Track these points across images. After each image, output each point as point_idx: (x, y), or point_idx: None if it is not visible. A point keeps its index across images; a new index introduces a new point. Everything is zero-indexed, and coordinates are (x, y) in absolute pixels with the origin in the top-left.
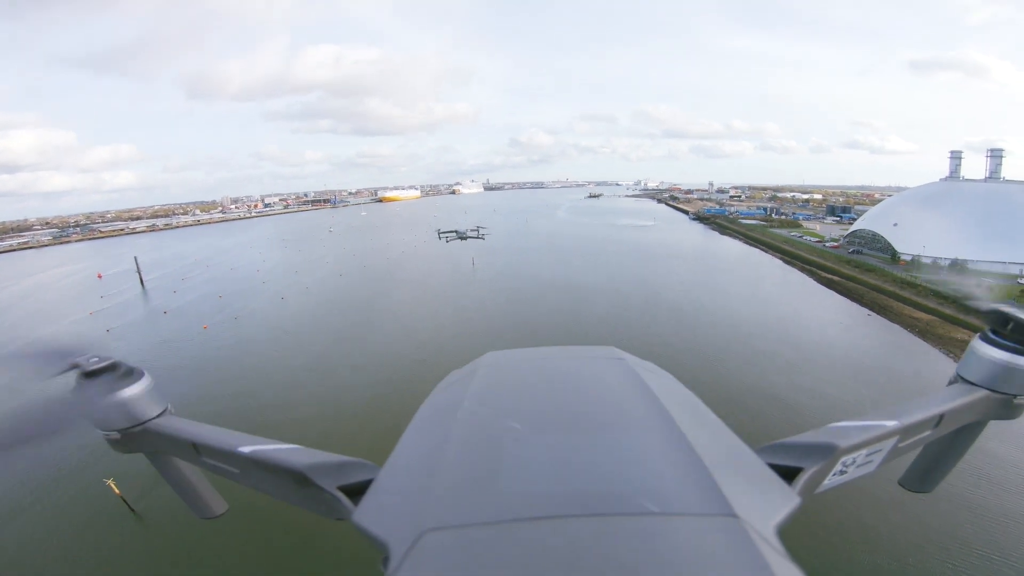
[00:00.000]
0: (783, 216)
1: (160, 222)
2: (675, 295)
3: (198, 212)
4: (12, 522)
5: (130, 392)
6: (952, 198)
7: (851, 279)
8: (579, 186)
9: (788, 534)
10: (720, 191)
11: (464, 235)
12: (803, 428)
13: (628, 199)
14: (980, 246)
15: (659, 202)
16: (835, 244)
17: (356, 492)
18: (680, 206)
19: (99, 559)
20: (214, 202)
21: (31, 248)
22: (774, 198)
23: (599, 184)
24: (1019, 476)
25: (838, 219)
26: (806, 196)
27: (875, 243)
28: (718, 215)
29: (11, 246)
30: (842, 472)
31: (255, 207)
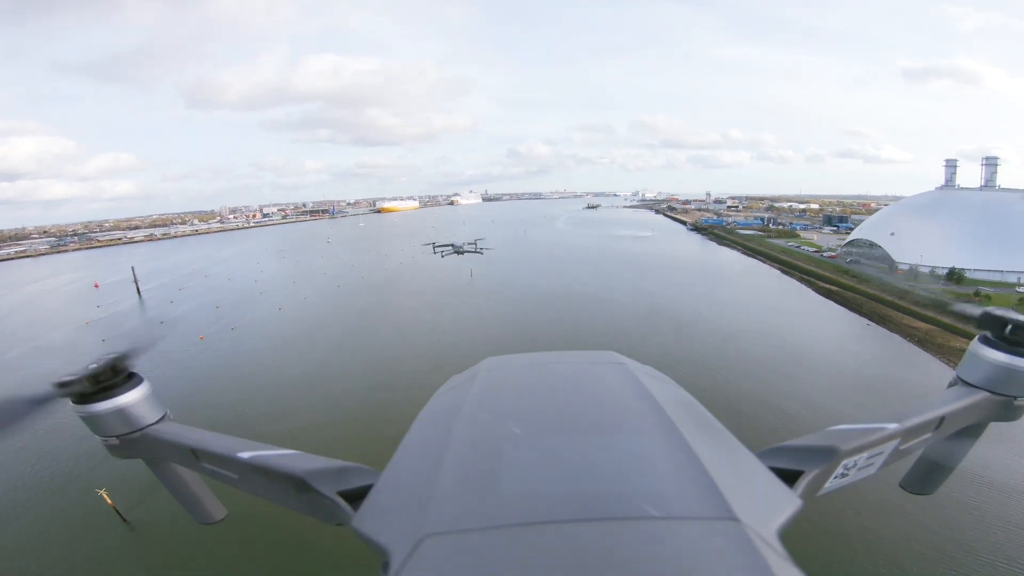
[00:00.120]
0: (780, 226)
1: (158, 232)
2: (674, 306)
3: (196, 222)
4: (1, 533)
5: (128, 398)
6: (948, 207)
7: (849, 289)
8: (577, 197)
9: (790, 537)
10: (717, 201)
11: (461, 249)
12: (802, 435)
13: (626, 210)
14: (977, 255)
15: (657, 213)
16: (832, 254)
17: (356, 497)
18: (678, 217)
19: (89, 571)
20: (213, 212)
21: (28, 257)
22: (771, 208)
23: (597, 195)
24: (1022, 481)
25: (835, 229)
26: (803, 206)
27: (872, 253)
28: (716, 226)
29: (8, 255)
30: (843, 475)
31: (253, 217)
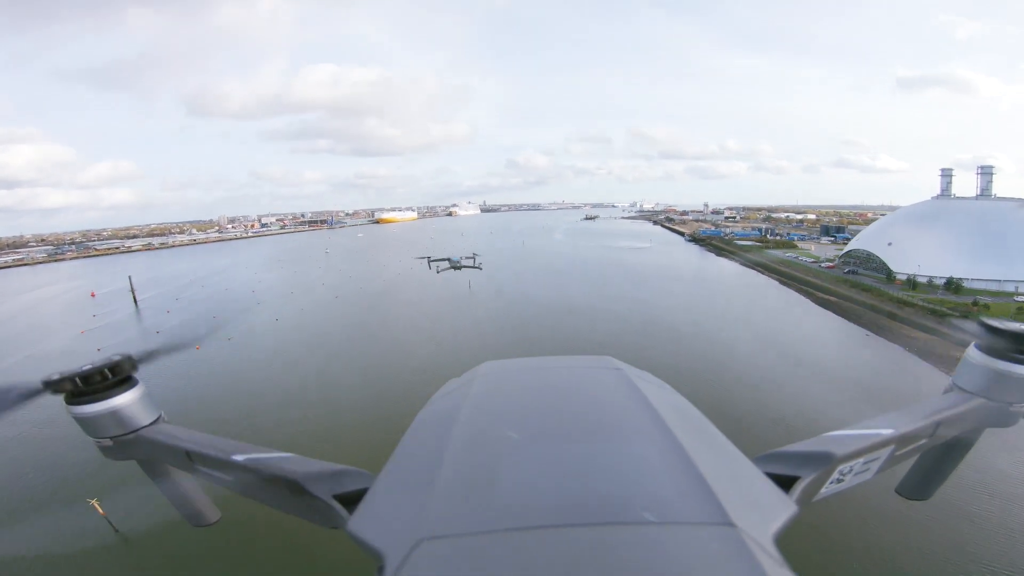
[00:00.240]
0: (778, 237)
1: (156, 241)
2: (673, 317)
3: (194, 231)
4: None
5: (122, 400)
6: (945, 216)
7: (848, 299)
8: (575, 208)
9: (786, 542)
10: (715, 212)
11: (458, 264)
12: (799, 441)
13: (624, 221)
14: (974, 264)
15: (655, 224)
16: (830, 264)
17: (351, 501)
18: (676, 228)
19: None
20: (211, 221)
21: (25, 265)
22: (768, 219)
23: (595, 206)
24: (1021, 488)
25: (832, 239)
26: (800, 216)
27: (870, 263)
28: (714, 236)
29: (6, 263)
30: (839, 480)
31: (252, 227)
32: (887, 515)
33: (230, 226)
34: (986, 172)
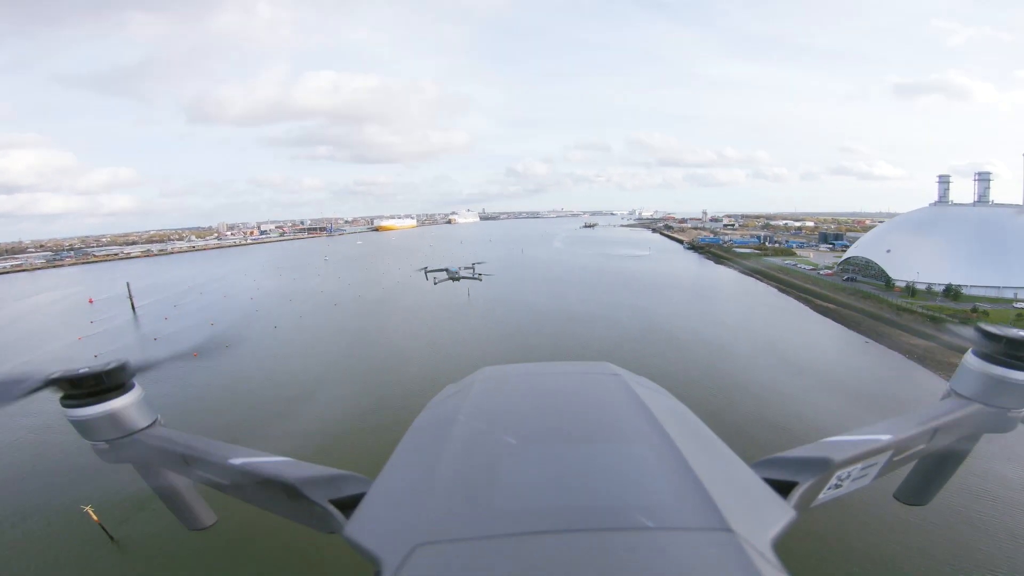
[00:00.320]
0: (776, 244)
1: (155, 248)
2: (672, 324)
3: (194, 238)
4: None
5: (119, 403)
6: (943, 223)
7: (847, 307)
8: (574, 216)
9: (784, 548)
10: (714, 220)
11: (456, 275)
12: (797, 447)
13: (623, 229)
14: (973, 271)
15: (654, 231)
16: (829, 272)
17: (348, 506)
18: (674, 235)
19: None
20: (210, 228)
21: (24, 271)
22: (767, 226)
23: (594, 214)
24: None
25: (831, 247)
26: (798, 224)
27: (869, 270)
28: (712, 244)
29: (4, 268)
30: (837, 486)
31: (251, 234)
32: (887, 520)
33: (229, 233)
34: (983, 178)
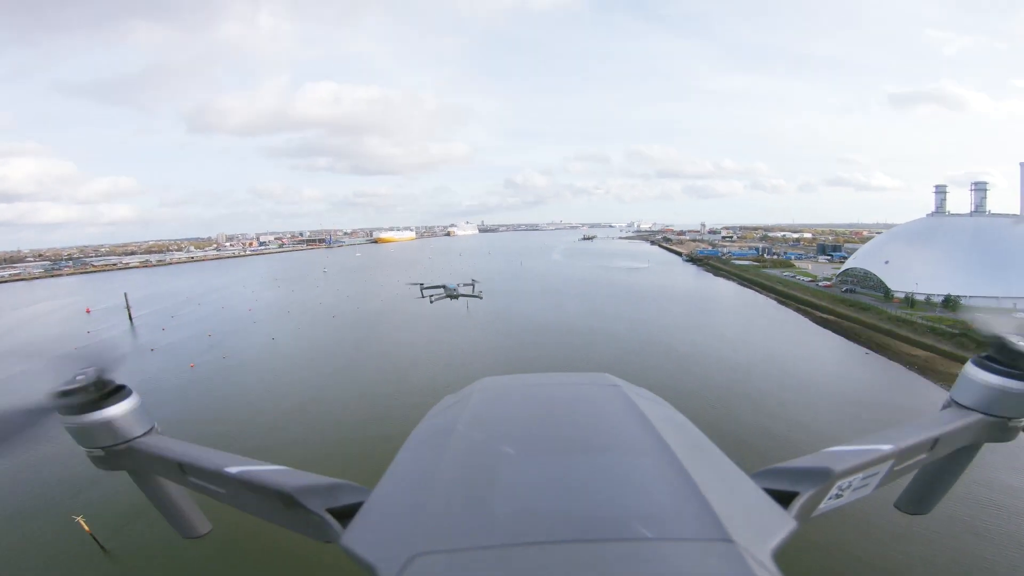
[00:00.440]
0: (775, 256)
1: (153, 258)
2: (671, 337)
3: (192, 249)
4: None
5: (116, 410)
6: (940, 234)
7: (847, 318)
8: (573, 228)
9: (785, 558)
10: (712, 232)
11: (455, 293)
12: (797, 457)
13: (622, 241)
14: (972, 281)
15: (652, 244)
16: (828, 283)
17: (345, 515)
18: (673, 248)
19: None
20: (209, 239)
21: (22, 280)
22: (765, 238)
23: (593, 226)
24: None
25: (829, 258)
26: (796, 235)
27: (867, 281)
28: (711, 256)
29: (2, 277)
30: (838, 496)
31: (250, 245)
32: (889, 530)
33: (228, 244)
34: (980, 188)
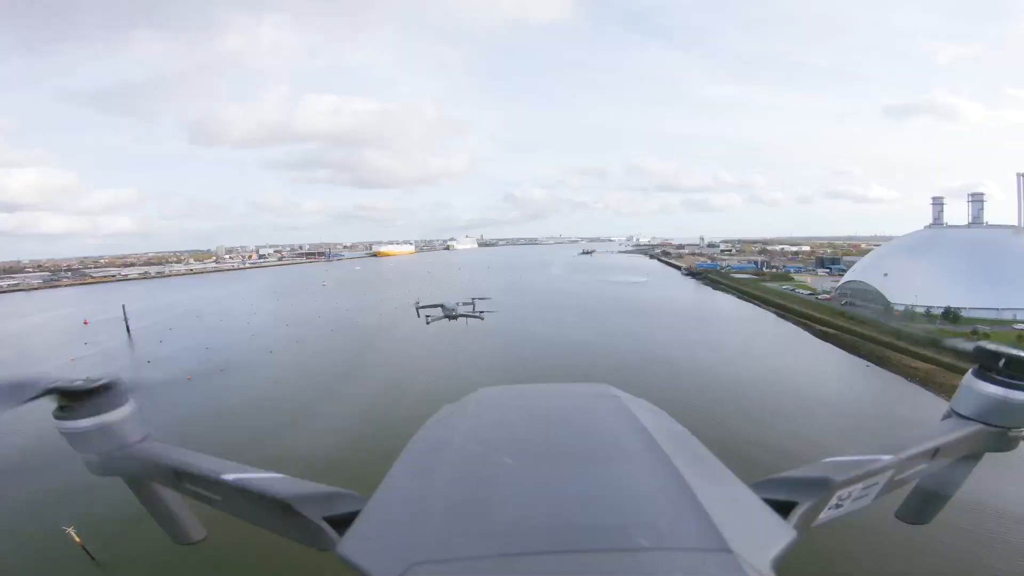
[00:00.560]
0: (774, 269)
1: (153, 270)
2: (671, 351)
3: (192, 261)
4: None
5: (113, 416)
6: (939, 246)
7: (847, 331)
8: (572, 242)
9: (785, 569)
10: (711, 245)
11: (453, 312)
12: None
13: (621, 255)
14: (971, 293)
15: (651, 258)
16: (827, 296)
17: (342, 523)
18: (672, 261)
19: None
20: (209, 251)
21: (21, 291)
22: (764, 251)
23: (592, 240)
24: None
25: (828, 271)
26: (795, 248)
27: (867, 294)
28: (710, 270)
29: (1, 287)
30: (838, 506)
31: (250, 258)
32: (894, 540)
33: (228, 257)
34: (976, 200)
